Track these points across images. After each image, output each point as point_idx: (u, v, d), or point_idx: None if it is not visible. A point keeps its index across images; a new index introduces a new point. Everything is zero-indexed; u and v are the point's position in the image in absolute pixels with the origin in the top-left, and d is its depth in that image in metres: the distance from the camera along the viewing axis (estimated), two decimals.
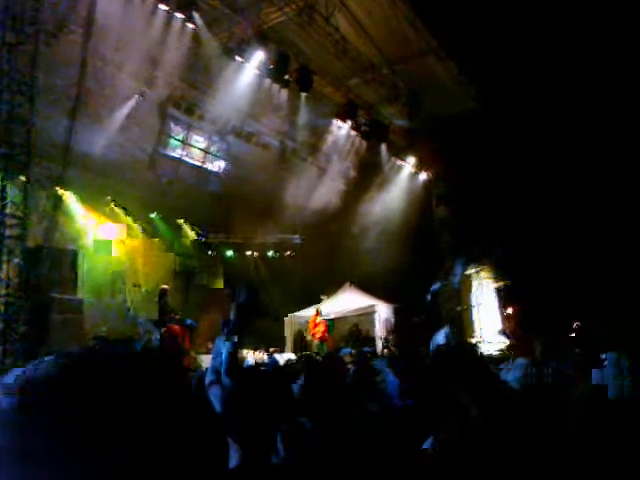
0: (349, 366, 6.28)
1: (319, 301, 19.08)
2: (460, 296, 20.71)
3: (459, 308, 20.47)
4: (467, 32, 14.09)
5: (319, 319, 17.36)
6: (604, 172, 16.91)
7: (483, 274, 21.30)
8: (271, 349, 15.58)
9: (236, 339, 2.52)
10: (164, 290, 12.45)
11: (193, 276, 18.87)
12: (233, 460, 2.05)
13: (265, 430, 2.17)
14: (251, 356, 13.08)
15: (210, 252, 19.03)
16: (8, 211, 9.62)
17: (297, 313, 19.12)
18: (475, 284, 21.02)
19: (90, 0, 11.41)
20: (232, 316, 2.61)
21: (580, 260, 17.43)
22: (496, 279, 21.41)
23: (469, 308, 20.49)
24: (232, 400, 2.38)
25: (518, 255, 18.61)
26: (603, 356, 5.72)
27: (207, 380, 2.60)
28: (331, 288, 20.07)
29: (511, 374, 4.01)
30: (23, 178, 10.00)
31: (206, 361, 7.90)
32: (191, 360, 11.55)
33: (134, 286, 15.32)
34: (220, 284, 19.75)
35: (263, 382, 2.51)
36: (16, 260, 9.90)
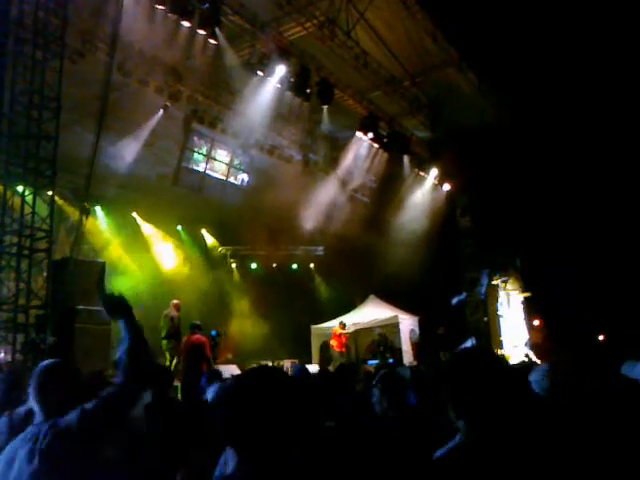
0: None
1: (341, 313, 19.08)
2: (486, 307, 20.52)
3: (485, 319, 20.28)
4: (487, 42, 14.10)
5: (340, 331, 17.34)
6: (633, 182, 16.68)
7: (509, 284, 21.07)
8: (285, 361, 15.69)
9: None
10: (177, 305, 12.85)
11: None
12: (229, 466, 2.08)
13: (267, 437, 2.17)
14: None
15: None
16: (36, 225, 9.84)
17: (320, 325, 19.14)
18: (502, 294, 20.80)
19: (115, 16, 11.66)
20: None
21: (607, 270, 17.17)
22: (522, 290, 21.18)
23: (495, 319, 20.25)
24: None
25: (543, 266, 18.40)
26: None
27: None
28: (354, 299, 20.06)
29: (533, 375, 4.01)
30: (50, 192, 10.25)
31: (225, 371, 8.08)
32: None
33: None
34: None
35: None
36: (44, 273, 10.15)
